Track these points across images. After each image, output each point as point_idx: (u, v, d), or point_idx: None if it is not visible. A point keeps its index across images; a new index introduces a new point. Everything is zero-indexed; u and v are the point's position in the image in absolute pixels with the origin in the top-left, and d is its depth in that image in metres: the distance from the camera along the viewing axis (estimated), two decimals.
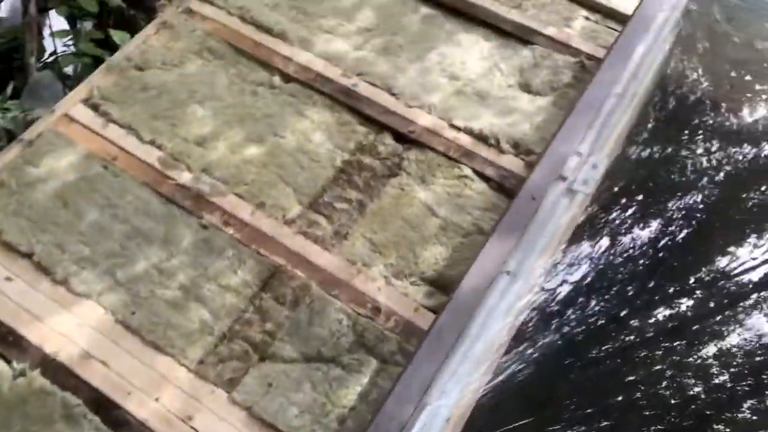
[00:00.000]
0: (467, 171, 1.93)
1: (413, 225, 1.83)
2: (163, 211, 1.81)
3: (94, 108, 1.98)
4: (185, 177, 1.86)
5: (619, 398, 1.78)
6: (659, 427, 1.76)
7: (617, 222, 1.89)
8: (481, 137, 1.97)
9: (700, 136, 2.07)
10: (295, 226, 1.81)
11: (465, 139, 1.98)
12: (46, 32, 3.13)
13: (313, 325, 1.65)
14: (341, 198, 1.87)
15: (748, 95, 2.11)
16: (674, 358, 1.87)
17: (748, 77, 2.12)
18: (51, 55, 3.00)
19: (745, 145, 2.01)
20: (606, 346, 1.81)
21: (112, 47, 3.09)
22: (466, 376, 1.38)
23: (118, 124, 1.95)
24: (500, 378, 1.54)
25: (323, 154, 1.94)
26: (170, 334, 1.62)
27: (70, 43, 2.93)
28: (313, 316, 1.66)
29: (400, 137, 1.99)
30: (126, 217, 1.79)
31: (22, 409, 1.49)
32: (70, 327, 1.61)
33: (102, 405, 1.52)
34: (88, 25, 3.10)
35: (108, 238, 1.75)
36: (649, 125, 1.95)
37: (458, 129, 1.99)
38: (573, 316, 1.77)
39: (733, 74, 2.14)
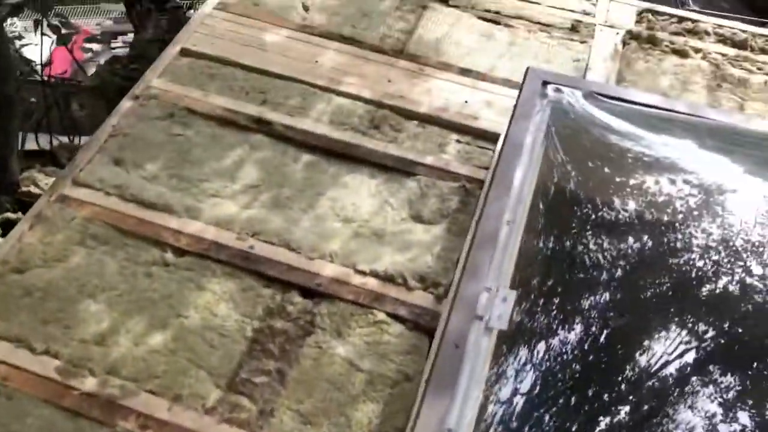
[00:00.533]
0: (381, 315, 1.93)
1: (338, 385, 1.79)
2: (70, 429, 1.66)
3: None
4: (90, 384, 1.73)
5: None
6: None
7: (545, 324, 1.93)
8: (387, 278, 1.99)
9: (589, 232, 2.19)
10: (217, 413, 1.72)
11: (372, 283, 1.99)
12: None
13: None
14: (259, 371, 1.81)
15: (613, 187, 2.27)
16: None
17: (614, 177, 2.29)
18: None
19: (629, 238, 2.15)
20: None
21: None
22: None
23: (4, 339, 1.80)
24: None
25: (232, 327, 1.88)
26: None
27: None
28: None
29: (307, 293, 1.97)
30: None
31: None
32: None
33: None
34: None
35: None
36: (542, 239, 2.05)
37: (364, 273, 2.01)
38: None
39: (599, 175, 2.30)
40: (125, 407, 1.70)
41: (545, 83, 2.20)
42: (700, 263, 2.07)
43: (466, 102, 2.52)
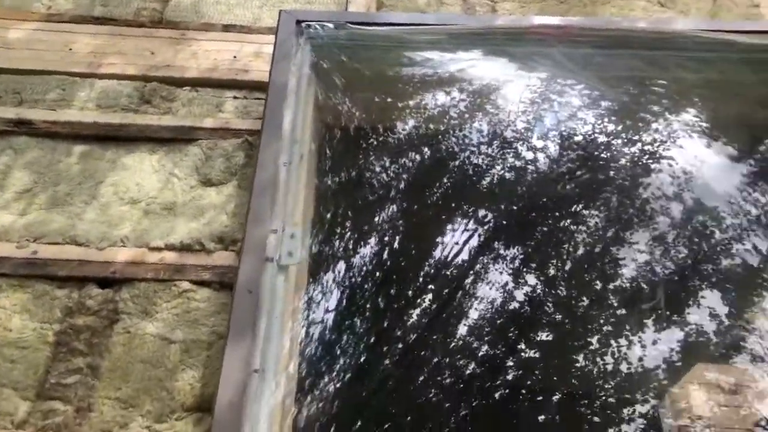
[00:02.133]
0: (185, 285, 1.91)
1: (154, 362, 1.78)
2: None
3: None
4: None
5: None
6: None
7: (343, 247, 2.00)
8: (184, 248, 1.98)
9: (373, 158, 2.28)
10: (30, 425, 1.65)
11: (170, 256, 1.96)
12: None
13: None
14: (69, 372, 1.75)
15: (396, 113, 2.37)
16: (441, 348, 2.01)
17: (389, 99, 2.38)
18: None
19: (410, 153, 2.27)
20: (383, 367, 1.89)
21: None
22: None
23: None
24: None
25: (30, 337, 1.80)
26: None
27: None
28: None
29: (104, 283, 1.91)
30: None
31: None
32: None
33: None
34: None
35: None
36: (328, 165, 2.11)
37: (159, 249, 1.97)
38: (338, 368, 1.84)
39: (376, 100, 2.39)
40: None
41: (299, 22, 2.23)
42: (475, 159, 2.23)
43: (234, 58, 2.50)
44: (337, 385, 1.70)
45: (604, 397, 1.86)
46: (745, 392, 1.98)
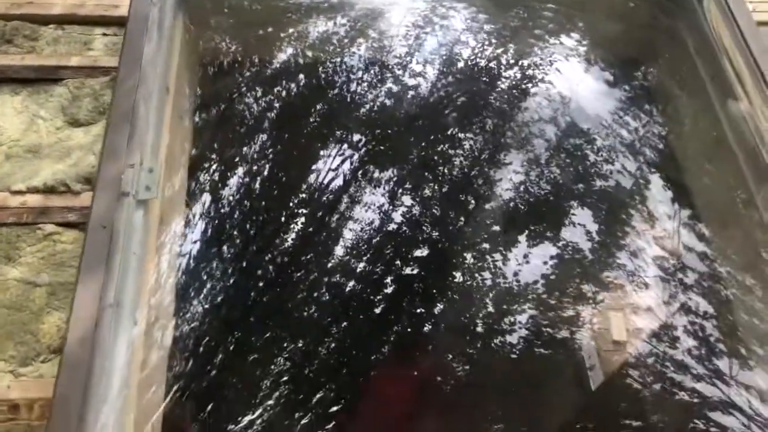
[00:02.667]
0: (50, 227, 1.86)
1: (18, 307, 1.73)
2: None
3: None
4: None
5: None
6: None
7: (209, 180, 1.97)
8: (48, 190, 1.91)
9: (245, 90, 2.22)
10: None
11: (33, 199, 1.90)
12: None
13: None
14: None
15: (276, 44, 2.31)
16: (319, 268, 2.00)
17: (270, 29, 2.32)
18: None
19: (285, 83, 2.22)
20: (265, 295, 1.87)
21: None
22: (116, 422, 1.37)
23: None
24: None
25: None
26: None
27: None
28: None
29: None
30: None
31: None
32: None
33: None
34: None
35: None
36: (198, 98, 2.05)
37: (22, 192, 1.91)
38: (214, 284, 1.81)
39: (258, 32, 2.32)
40: None
41: None
42: (354, 87, 2.20)
43: None
44: (209, 311, 1.69)
45: (483, 309, 1.91)
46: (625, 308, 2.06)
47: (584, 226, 1.99)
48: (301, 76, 2.21)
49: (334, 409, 1.74)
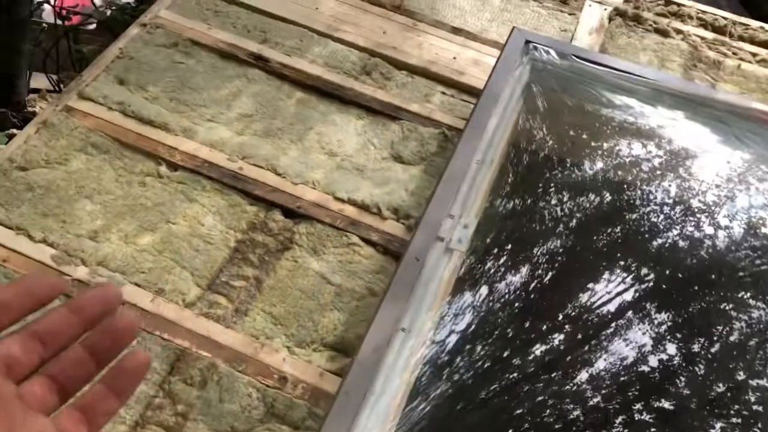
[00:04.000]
0: (355, 239, 2.09)
1: (309, 295, 1.96)
2: None
3: None
4: (81, 272, 1.89)
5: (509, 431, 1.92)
6: None
7: (492, 271, 2.09)
8: (363, 207, 2.15)
9: (552, 189, 2.35)
10: (196, 308, 1.88)
11: (350, 210, 2.15)
12: None
13: (224, 401, 1.72)
14: (238, 276, 1.97)
15: (587, 151, 2.43)
16: (553, 388, 2.06)
17: (584, 136, 2.45)
18: None
19: (590, 194, 2.32)
20: (493, 386, 1.97)
21: None
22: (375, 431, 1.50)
23: (5, 226, 1.95)
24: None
25: (216, 236, 2.04)
26: None
27: None
28: (222, 394, 1.73)
29: (289, 213, 2.13)
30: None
31: None
32: None
33: None
34: None
35: None
36: (507, 185, 2.20)
37: (342, 201, 2.16)
38: (461, 363, 1.93)
39: (571, 134, 2.46)
40: None
41: (527, 42, 2.35)
42: (654, 218, 2.24)
43: (454, 58, 2.67)
44: (446, 386, 1.80)
45: None
46: None
47: None
48: (605, 191, 2.29)
49: None
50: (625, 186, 2.35)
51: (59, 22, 3.93)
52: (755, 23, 3.02)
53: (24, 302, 0.56)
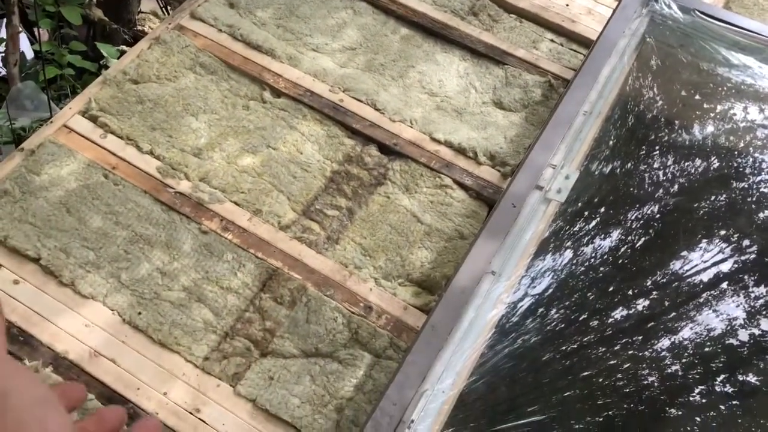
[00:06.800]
0: (448, 181, 2.08)
1: (399, 231, 1.97)
2: (164, 218, 1.91)
3: (93, 119, 2.07)
4: (184, 186, 1.96)
5: (574, 392, 1.89)
6: (615, 411, 1.91)
7: (580, 234, 2.05)
8: (459, 150, 2.13)
9: (657, 152, 2.26)
10: (290, 231, 1.93)
11: (445, 152, 2.13)
12: (26, 45, 3.17)
13: (311, 323, 1.77)
14: (332, 206, 2.00)
15: (698, 113, 2.31)
16: (629, 352, 2.01)
17: (697, 97, 2.33)
18: (34, 65, 3.05)
19: (697, 159, 2.21)
20: (563, 348, 1.93)
21: (95, 59, 3.17)
22: (457, 366, 1.52)
23: (116, 135, 2.04)
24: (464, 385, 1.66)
25: (314, 165, 2.07)
26: (176, 333, 1.72)
27: (53, 54, 2.99)
28: (310, 315, 1.78)
29: (385, 149, 2.13)
30: (128, 223, 1.88)
31: None
32: (79, 327, 1.70)
33: (113, 400, 1.61)
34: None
35: (112, 243, 1.84)
36: (611, 142, 2.13)
37: (439, 142, 2.15)
38: (531, 325, 1.89)
39: (683, 94, 2.34)
40: (211, 210, 1.93)
41: None
42: (764, 188, 2.13)
43: (567, 5, 2.56)
44: (527, 335, 1.78)
45: None
46: None
47: None
48: (714, 157, 2.19)
49: None
50: (736, 153, 2.23)
51: None
52: None
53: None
